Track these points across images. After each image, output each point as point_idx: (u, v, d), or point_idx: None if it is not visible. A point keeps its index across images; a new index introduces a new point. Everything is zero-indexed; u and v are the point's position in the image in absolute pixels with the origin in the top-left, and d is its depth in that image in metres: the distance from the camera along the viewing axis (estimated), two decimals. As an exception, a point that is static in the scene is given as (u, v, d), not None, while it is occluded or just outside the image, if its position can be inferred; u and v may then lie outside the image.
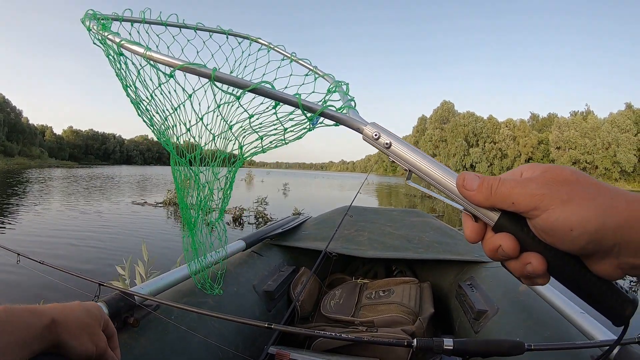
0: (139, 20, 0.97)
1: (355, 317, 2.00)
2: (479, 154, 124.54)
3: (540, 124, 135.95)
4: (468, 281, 2.12)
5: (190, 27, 1.12)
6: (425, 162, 0.49)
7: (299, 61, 1.14)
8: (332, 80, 0.94)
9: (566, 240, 0.39)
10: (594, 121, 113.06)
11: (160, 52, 0.65)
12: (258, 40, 1.28)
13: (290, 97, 0.58)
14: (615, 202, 0.38)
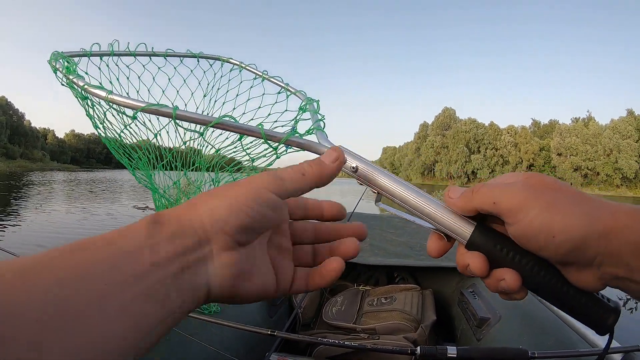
0: (107, 53, 0.97)
1: (357, 324, 1.99)
2: (480, 160, 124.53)
3: (541, 130, 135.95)
4: (470, 288, 2.11)
5: (159, 55, 1.11)
6: (393, 183, 0.49)
7: (271, 79, 1.15)
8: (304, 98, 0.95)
9: (548, 246, 0.38)
10: (595, 127, 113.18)
11: (122, 95, 0.64)
12: (229, 60, 1.28)
13: (254, 128, 0.58)
14: (599, 211, 0.38)
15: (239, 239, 0.38)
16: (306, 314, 2.17)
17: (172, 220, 0.37)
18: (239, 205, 0.38)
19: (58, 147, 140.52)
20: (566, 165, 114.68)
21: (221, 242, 0.37)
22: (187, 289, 0.35)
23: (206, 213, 0.37)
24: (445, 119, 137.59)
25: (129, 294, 0.31)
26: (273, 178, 0.42)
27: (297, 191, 0.44)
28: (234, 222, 0.37)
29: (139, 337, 0.31)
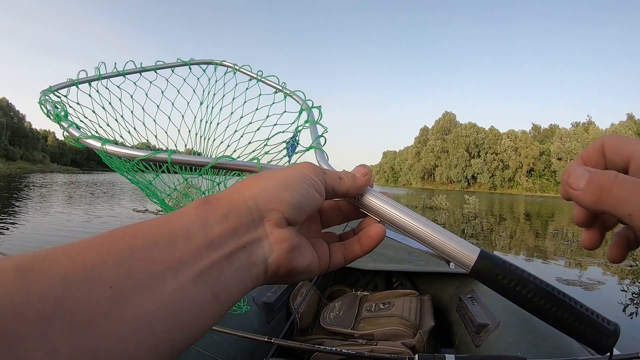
0: (95, 78, 0.94)
1: (355, 329, 1.98)
2: (480, 165, 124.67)
3: (541, 135, 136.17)
4: (469, 294, 2.10)
5: (149, 69, 1.09)
6: (395, 212, 0.48)
7: (266, 81, 1.12)
8: (302, 101, 0.93)
9: None
10: (595, 132, 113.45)
11: (118, 145, 0.63)
12: (223, 63, 1.25)
13: (251, 165, 0.58)
14: None
15: (290, 216, 0.39)
16: (304, 320, 2.16)
17: (224, 201, 0.37)
18: (291, 184, 0.40)
19: (58, 149, 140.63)
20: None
21: (274, 219, 0.38)
22: (244, 267, 0.35)
23: (260, 192, 0.39)
24: (445, 123, 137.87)
25: (182, 275, 0.31)
26: (318, 169, 0.45)
27: (334, 189, 0.46)
28: (287, 200, 0.39)
29: (193, 317, 0.31)
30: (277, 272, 0.39)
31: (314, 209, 0.43)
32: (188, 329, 0.30)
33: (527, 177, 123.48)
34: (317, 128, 0.75)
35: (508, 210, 29.68)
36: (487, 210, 28.02)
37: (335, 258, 0.48)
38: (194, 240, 0.33)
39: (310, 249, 0.44)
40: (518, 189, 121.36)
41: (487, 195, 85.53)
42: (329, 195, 0.46)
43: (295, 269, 0.41)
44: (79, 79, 0.88)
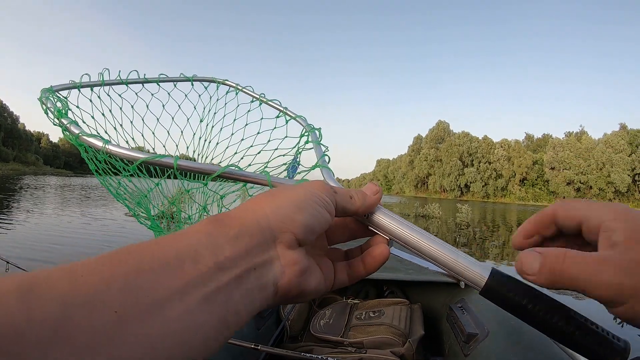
0: (97, 83, 0.92)
1: (345, 337, 1.98)
2: (473, 173, 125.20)
3: (535, 144, 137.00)
4: (459, 304, 2.10)
5: (152, 81, 1.06)
6: (406, 230, 0.48)
7: (269, 102, 1.09)
8: (304, 123, 0.92)
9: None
10: (588, 142, 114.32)
11: (120, 146, 0.61)
12: (225, 82, 1.22)
13: (260, 177, 0.57)
14: None
15: (302, 237, 0.39)
16: (294, 327, 2.15)
17: (236, 220, 0.36)
18: (303, 204, 0.40)
19: (52, 152, 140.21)
20: (559, 179, 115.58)
21: (287, 240, 0.38)
22: (253, 290, 0.34)
23: (272, 211, 0.38)
24: (439, 132, 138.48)
25: (189, 299, 0.30)
26: (328, 187, 0.44)
27: (344, 209, 0.46)
28: (300, 221, 0.38)
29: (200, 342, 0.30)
30: (287, 294, 0.39)
31: (324, 229, 0.43)
32: (195, 353, 0.29)
33: (520, 186, 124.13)
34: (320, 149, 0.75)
35: (501, 219, 29.73)
36: (480, 218, 28.08)
37: (340, 277, 0.49)
38: (202, 262, 0.32)
39: (318, 270, 0.44)
40: (511, 198, 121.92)
41: (480, 203, 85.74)
42: (339, 214, 0.46)
43: (304, 291, 0.41)
44: (81, 82, 0.86)
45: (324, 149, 0.74)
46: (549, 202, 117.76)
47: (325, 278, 0.46)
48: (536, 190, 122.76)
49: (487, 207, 61.36)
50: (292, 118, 0.99)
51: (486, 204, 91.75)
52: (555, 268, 0.36)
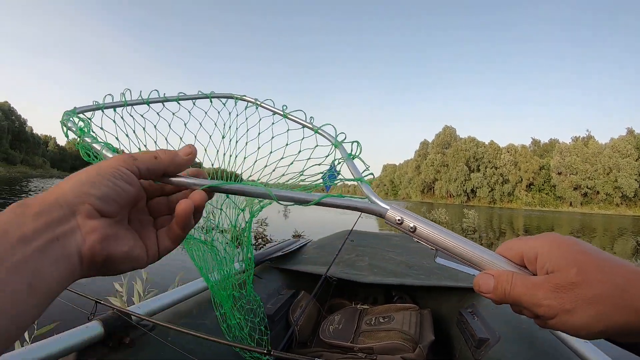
0: (120, 104, 0.91)
1: (355, 343, 1.97)
2: (480, 179, 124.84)
3: (541, 149, 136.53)
4: (469, 308, 2.09)
5: (171, 100, 1.05)
6: (451, 240, 0.50)
7: (291, 117, 1.07)
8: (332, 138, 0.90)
9: (574, 335, 0.43)
10: (595, 146, 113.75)
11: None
12: (243, 98, 1.20)
13: (298, 195, 0.56)
14: (622, 300, 0.40)
15: (100, 208, 0.44)
16: (303, 332, 2.15)
17: (37, 200, 0.41)
18: (98, 178, 0.44)
19: (59, 155, 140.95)
20: (566, 184, 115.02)
21: (85, 211, 0.42)
22: (59, 259, 0.39)
23: (70, 189, 0.43)
24: (445, 137, 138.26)
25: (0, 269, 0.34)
26: (127, 157, 0.48)
27: (149, 169, 0.50)
28: (95, 193, 0.43)
29: (9, 307, 0.34)
30: (93, 261, 0.43)
31: (126, 199, 0.47)
32: (6, 316, 0.33)
33: (526, 191, 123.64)
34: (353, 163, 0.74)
35: (507, 225, 29.62)
36: (487, 224, 27.95)
37: (163, 243, 0.53)
38: (9, 237, 0.36)
39: (130, 238, 0.48)
40: (518, 203, 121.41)
41: (487, 209, 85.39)
42: (146, 176, 0.50)
43: (112, 257, 0.45)
44: (104, 103, 0.86)
45: (363, 167, 0.72)
46: (555, 207, 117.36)
47: (147, 247, 0.51)
48: (543, 195, 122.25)
49: (493, 212, 61.11)
50: (317, 131, 0.97)
51: (493, 209, 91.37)
52: (505, 289, 0.46)
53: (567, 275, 0.42)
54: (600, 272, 0.41)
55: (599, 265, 0.41)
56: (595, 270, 0.41)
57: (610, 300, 0.40)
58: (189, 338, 1.46)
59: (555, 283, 0.42)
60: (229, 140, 1.23)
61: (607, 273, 0.41)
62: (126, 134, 0.93)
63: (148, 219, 0.54)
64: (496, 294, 0.46)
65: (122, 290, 3.60)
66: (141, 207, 0.53)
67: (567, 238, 0.46)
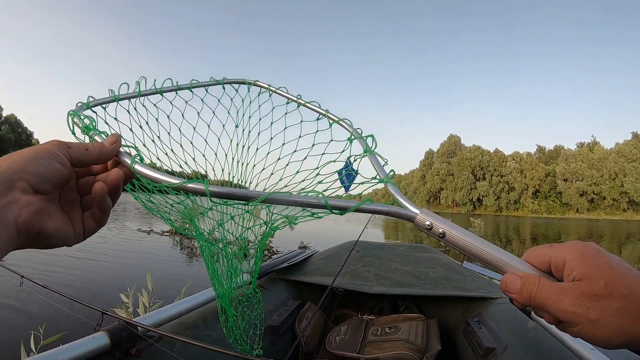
0: (134, 95, 0.89)
1: (361, 353, 1.96)
2: (486, 187, 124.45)
3: (547, 156, 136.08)
4: (476, 318, 2.08)
5: (184, 88, 1.02)
6: (479, 246, 0.51)
7: (307, 104, 1.02)
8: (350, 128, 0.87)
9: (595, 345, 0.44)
10: (600, 152, 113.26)
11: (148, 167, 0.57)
12: (257, 83, 1.15)
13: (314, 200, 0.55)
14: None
15: (35, 184, 0.48)
16: (309, 343, 2.14)
17: None
18: (36, 157, 0.49)
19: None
20: (572, 190, 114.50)
21: (21, 187, 0.46)
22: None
23: (8, 166, 0.46)
24: (450, 146, 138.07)
25: None
26: (62, 143, 0.53)
27: (80, 160, 0.54)
28: (31, 170, 0.47)
29: None
30: (28, 233, 0.47)
31: (59, 178, 0.52)
32: None
33: (532, 199, 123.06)
34: (376, 157, 0.71)
35: (514, 233, 29.47)
36: (493, 232, 27.83)
37: (89, 224, 0.57)
38: None
39: (61, 216, 0.53)
40: (524, 211, 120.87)
41: (493, 217, 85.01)
42: (78, 165, 0.55)
43: (45, 231, 0.49)
44: (119, 95, 0.84)
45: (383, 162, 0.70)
46: (562, 214, 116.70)
47: (74, 226, 0.55)
48: (549, 202, 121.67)
49: (500, 220, 60.85)
50: (336, 122, 0.93)
51: (499, 217, 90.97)
52: (532, 291, 0.47)
53: (595, 286, 0.43)
54: (626, 288, 0.42)
55: (625, 282, 0.42)
56: (622, 286, 0.42)
57: (634, 314, 0.41)
58: (194, 349, 1.46)
59: (582, 292, 0.43)
60: (242, 130, 1.19)
61: (632, 289, 0.42)
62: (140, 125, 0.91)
63: (76, 197, 0.57)
64: (522, 295, 0.47)
65: (128, 302, 3.61)
66: (71, 186, 0.57)
67: (594, 248, 0.46)
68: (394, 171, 0.67)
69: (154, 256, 9.69)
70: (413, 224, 0.56)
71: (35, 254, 9.22)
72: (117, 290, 4.37)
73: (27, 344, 2.76)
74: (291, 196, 0.55)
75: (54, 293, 1.62)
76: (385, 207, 0.56)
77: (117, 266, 8.15)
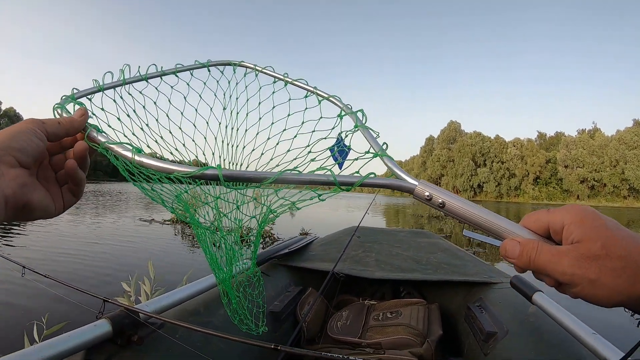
0: (119, 83, 0.87)
1: (363, 338, 1.97)
2: (486, 173, 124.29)
3: (547, 142, 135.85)
4: (477, 302, 2.09)
5: (169, 73, 1.01)
6: (478, 213, 0.51)
7: (294, 82, 1.02)
8: (340, 104, 0.87)
9: (596, 304, 0.45)
10: (601, 139, 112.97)
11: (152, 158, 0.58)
12: (242, 64, 1.14)
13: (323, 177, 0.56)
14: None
15: (19, 158, 0.52)
16: (311, 329, 2.15)
17: None
18: (17, 134, 0.53)
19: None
20: (573, 177, 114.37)
21: (7, 161, 0.50)
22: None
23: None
24: (450, 132, 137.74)
25: None
26: (38, 121, 0.57)
27: (54, 133, 0.59)
28: (15, 146, 0.52)
29: None
30: (15, 205, 0.51)
31: (38, 152, 0.55)
32: None
33: (533, 185, 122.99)
34: (369, 132, 0.71)
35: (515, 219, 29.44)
36: (494, 219, 27.76)
37: (67, 197, 0.62)
38: None
39: (42, 190, 0.57)
40: (525, 197, 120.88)
41: (494, 204, 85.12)
42: (53, 138, 0.59)
43: (30, 203, 0.53)
44: (103, 84, 0.83)
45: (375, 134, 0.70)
46: (563, 200, 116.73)
47: (54, 200, 0.59)
48: (550, 189, 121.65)
49: (500, 206, 60.93)
50: (325, 98, 0.93)
51: (500, 203, 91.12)
52: (531, 256, 0.47)
53: (593, 247, 0.44)
54: (623, 249, 0.43)
55: (622, 243, 0.43)
56: (619, 247, 0.43)
57: (630, 274, 0.42)
58: (197, 335, 1.47)
59: (581, 253, 0.44)
60: (230, 112, 1.19)
61: (629, 250, 0.43)
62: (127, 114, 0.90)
63: (51, 174, 0.62)
64: (521, 259, 0.48)
65: (130, 290, 3.62)
66: (45, 164, 0.61)
67: (591, 210, 0.47)
68: (387, 144, 0.65)
69: (155, 245, 9.69)
70: (412, 195, 0.56)
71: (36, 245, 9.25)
72: (119, 279, 4.38)
73: (31, 334, 2.78)
74: (301, 175, 0.56)
75: (56, 283, 1.62)
76: (386, 180, 0.57)
77: (118, 256, 8.15)
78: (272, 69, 1.08)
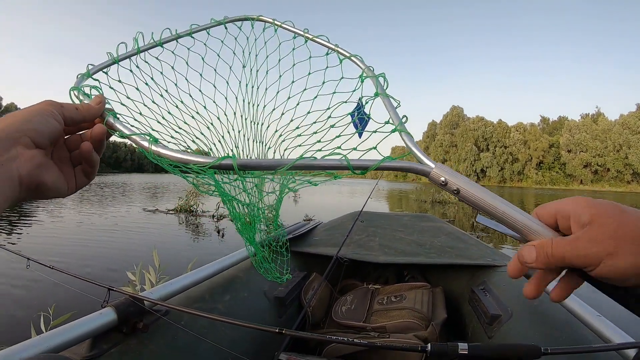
0: (133, 53, 0.84)
1: (367, 322, 1.98)
2: (489, 158, 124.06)
3: (550, 127, 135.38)
4: (481, 286, 2.09)
5: (184, 35, 0.96)
6: (493, 202, 0.50)
7: (315, 39, 0.97)
8: (362, 65, 0.83)
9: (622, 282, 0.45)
10: (604, 123, 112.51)
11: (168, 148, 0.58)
12: (260, 18, 1.09)
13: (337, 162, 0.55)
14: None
15: (36, 139, 0.52)
16: (315, 314, 2.15)
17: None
18: (35, 115, 0.54)
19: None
20: (576, 161, 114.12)
21: (24, 142, 0.51)
22: (5, 179, 0.48)
23: (11, 123, 0.51)
24: (453, 117, 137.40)
25: None
26: (57, 104, 0.58)
27: (72, 118, 0.59)
28: (32, 127, 0.52)
29: None
30: (30, 185, 0.51)
31: (55, 134, 0.56)
32: None
33: (536, 170, 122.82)
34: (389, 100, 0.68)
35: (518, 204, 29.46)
36: (497, 204, 27.72)
37: (80, 178, 0.63)
38: None
39: (56, 170, 0.57)
40: (528, 182, 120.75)
41: (497, 188, 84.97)
42: (70, 123, 0.59)
43: (44, 183, 0.54)
44: (118, 56, 0.80)
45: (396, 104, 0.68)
46: (566, 185, 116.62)
47: (67, 180, 0.60)
48: (553, 173, 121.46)
49: (504, 191, 60.83)
50: (347, 57, 0.88)
51: (503, 188, 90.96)
52: (547, 253, 0.48)
53: (605, 225, 0.44)
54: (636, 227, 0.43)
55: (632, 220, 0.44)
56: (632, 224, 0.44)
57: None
58: (202, 321, 1.47)
59: (595, 233, 0.45)
60: (250, 70, 1.15)
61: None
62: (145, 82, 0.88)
63: (66, 155, 0.62)
64: (539, 260, 0.48)
65: (135, 279, 3.64)
66: (60, 144, 0.61)
67: (595, 198, 0.48)
68: (406, 117, 0.64)
69: (159, 234, 9.73)
70: (428, 178, 0.55)
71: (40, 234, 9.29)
72: (124, 268, 4.40)
73: (38, 325, 2.79)
74: (315, 160, 0.56)
75: (61, 273, 1.62)
76: (402, 163, 0.56)
77: (123, 245, 8.19)
78: (292, 24, 1.05)
